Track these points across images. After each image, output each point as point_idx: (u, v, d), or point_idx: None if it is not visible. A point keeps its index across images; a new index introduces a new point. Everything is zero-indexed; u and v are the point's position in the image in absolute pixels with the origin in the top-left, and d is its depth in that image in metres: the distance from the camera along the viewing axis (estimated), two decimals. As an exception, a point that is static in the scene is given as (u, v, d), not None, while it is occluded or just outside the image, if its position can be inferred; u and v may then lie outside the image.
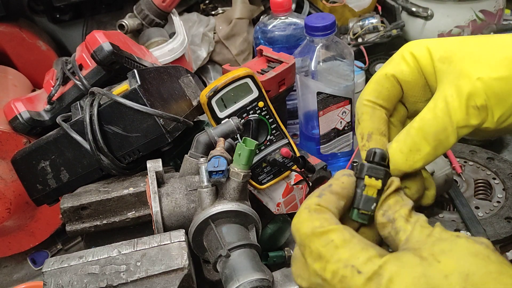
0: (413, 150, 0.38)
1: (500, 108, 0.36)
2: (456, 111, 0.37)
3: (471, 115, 0.37)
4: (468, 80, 0.37)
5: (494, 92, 0.36)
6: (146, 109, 0.61)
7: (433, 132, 0.38)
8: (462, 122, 0.37)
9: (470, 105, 0.37)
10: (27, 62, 1.01)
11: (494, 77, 0.36)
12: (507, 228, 0.61)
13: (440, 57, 0.40)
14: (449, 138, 0.38)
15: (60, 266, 0.51)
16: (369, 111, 0.42)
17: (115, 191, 0.61)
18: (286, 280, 0.64)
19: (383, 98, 0.42)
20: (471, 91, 0.36)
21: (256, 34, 0.97)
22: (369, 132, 0.41)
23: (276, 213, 0.73)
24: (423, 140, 0.38)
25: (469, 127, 0.37)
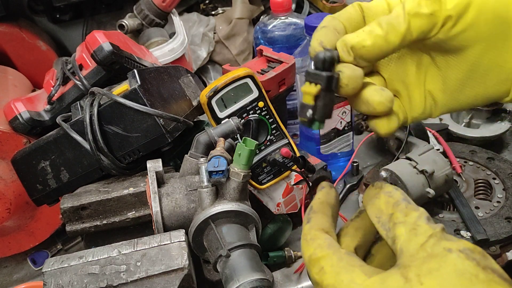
0: (365, 31, 0.39)
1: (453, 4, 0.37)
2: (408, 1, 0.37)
3: (422, 5, 0.37)
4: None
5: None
6: (146, 109, 0.61)
7: (386, 19, 0.38)
8: (413, 10, 0.37)
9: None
10: (27, 62, 1.01)
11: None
12: (507, 228, 0.61)
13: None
14: (400, 24, 0.38)
15: (60, 266, 0.51)
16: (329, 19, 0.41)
17: (115, 191, 0.61)
18: (286, 280, 0.64)
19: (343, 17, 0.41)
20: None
21: (256, 34, 0.97)
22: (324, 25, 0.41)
23: (276, 213, 0.73)
24: (376, 26, 0.38)
25: (421, 16, 0.37)
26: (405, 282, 0.32)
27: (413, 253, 0.34)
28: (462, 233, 0.61)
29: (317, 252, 0.37)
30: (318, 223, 0.40)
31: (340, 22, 0.41)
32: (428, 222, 0.35)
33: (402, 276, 0.33)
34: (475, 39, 0.39)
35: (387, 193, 0.38)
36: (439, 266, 0.32)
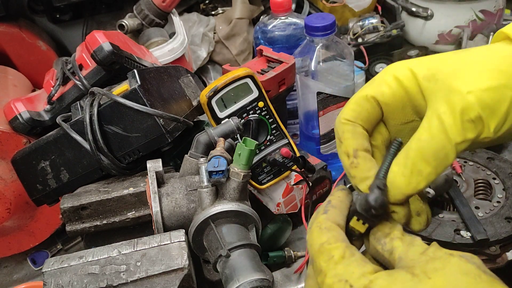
0: (414, 172, 0.38)
1: (495, 118, 0.37)
2: (452, 127, 0.37)
3: (468, 129, 0.37)
4: (459, 95, 0.37)
5: (486, 103, 0.37)
6: (146, 109, 0.61)
7: (432, 152, 0.38)
8: (460, 138, 0.37)
9: (465, 120, 0.37)
10: (27, 62, 1.01)
11: (483, 88, 0.37)
12: (507, 228, 0.61)
13: (425, 76, 0.40)
14: (448, 155, 0.38)
15: (60, 266, 0.51)
16: (350, 129, 0.42)
17: (115, 191, 0.61)
18: (286, 280, 0.64)
19: (362, 119, 0.42)
20: (464, 106, 0.37)
21: (256, 34, 0.97)
22: (354, 149, 0.41)
23: (276, 213, 0.73)
24: (423, 162, 0.38)
25: (467, 141, 0.37)
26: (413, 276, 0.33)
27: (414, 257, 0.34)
28: (462, 233, 0.61)
29: (331, 241, 0.37)
30: (335, 217, 0.39)
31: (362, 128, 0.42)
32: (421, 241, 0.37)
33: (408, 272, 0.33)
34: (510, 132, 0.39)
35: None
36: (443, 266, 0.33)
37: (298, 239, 0.77)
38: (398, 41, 1.13)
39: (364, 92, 0.42)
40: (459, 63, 0.39)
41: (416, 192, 0.39)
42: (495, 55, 0.39)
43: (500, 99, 0.37)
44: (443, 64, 0.40)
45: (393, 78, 0.42)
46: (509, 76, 0.37)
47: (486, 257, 0.60)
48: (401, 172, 0.39)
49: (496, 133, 0.37)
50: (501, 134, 0.38)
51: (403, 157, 0.39)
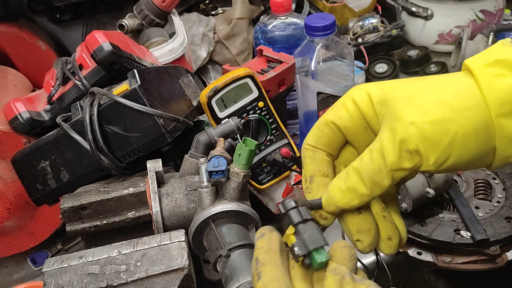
0: (350, 188, 0.40)
1: (435, 152, 0.37)
2: (389, 154, 0.38)
3: (404, 159, 0.37)
4: (401, 124, 0.37)
5: (427, 136, 0.37)
6: (146, 109, 0.61)
7: (368, 173, 0.39)
8: (395, 166, 0.38)
9: (402, 149, 0.37)
10: (27, 62, 1.01)
11: (426, 121, 0.37)
12: (507, 228, 0.61)
13: (379, 100, 0.41)
14: (383, 180, 0.38)
15: (60, 266, 0.51)
16: (310, 154, 0.43)
17: (115, 191, 0.61)
18: (286, 280, 0.64)
19: (323, 143, 0.43)
20: (403, 136, 0.37)
21: (256, 34, 0.97)
22: (311, 175, 0.43)
23: (276, 213, 0.73)
24: (359, 180, 0.39)
25: (403, 170, 0.38)
26: None
27: None
28: (462, 233, 0.61)
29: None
30: (271, 277, 0.36)
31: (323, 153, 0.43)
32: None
33: None
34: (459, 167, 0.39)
35: (332, 271, 0.36)
36: None
37: (298, 239, 0.77)
38: (398, 41, 1.13)
39: (324, 117, 0.44)
40: (412, 91, 0.39)
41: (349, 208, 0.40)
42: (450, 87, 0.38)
43: (443, 133, 0.36)
44: (398, 90, 0.40)
45: (351, 101, 0.43)
46: (457, 110, 0.37)
47: (486, 257, 0.60)
48: (338, 186, 0.40)
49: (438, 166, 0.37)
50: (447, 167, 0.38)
51: (344, 172, 0.41)
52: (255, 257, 0.38)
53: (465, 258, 0.60)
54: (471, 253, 0.60)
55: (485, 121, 0.37)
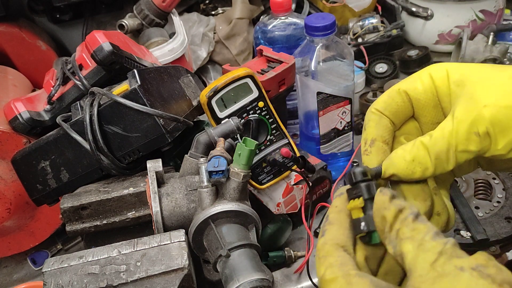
0: (415, 161, 0.39)
1: (505, 137, 0.37)
2: (457, 135, 0.38)
3: (471, 141, 0.37)
4: (475, 106, 0.37)
5: (500, 120, 0.36)
6: (146, 109, 0.61)
7: (436, 150, 0.39)
8: (461, 147, 0.38)
9: (471, 131, 0.37)
10: (27, 62, 1.01)
11: (501, 105, 0.37)
12: (507, 228, 0.61)
13: (456, 80, 0.41)
14: (449, 160, 0.38)
15: (60, 266, 0.51)
16: (376, 118, 0.43)
17: (115, 191, 0.61)
18: (286, 280, 0.64)
19: (391, 110, 0.43)
20: (475, 118, 0.37)
21: (256, 34, 0.97)
22: (372, 138, 0.43)
23: (276, 213, 0.73)
24: (426, 155, 0.39)
25: (469, 152, 0.38)
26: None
27: (422, 273, 0.32)
28: (462, 233, 0.61)
29: (327, 274, 0.35)
30: (333, 237, 0.37)
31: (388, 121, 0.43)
32: (436, 237, 0.33)
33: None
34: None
35: (397, 205, 0.35)
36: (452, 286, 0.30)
37: (298, 239, 0.77)
38: (398, 41, 1.13)
39: (397, 86, 0.43)
40: (490, 75, 0.39)
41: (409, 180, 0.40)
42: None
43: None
44: (475, 72, 0.40)
45: (428, 75, 0.42)
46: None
47: (486, 257, 0.60)
48: (403, 156, 0.40)
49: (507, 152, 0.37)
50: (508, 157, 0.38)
51: (410, 144, 0.40)
52: (327, 214, 0.40)
53: (465, 258, 0.60)
54: (471, 253, 0.60)
55: None
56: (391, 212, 0.35)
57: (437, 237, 0.33)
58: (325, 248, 0.37)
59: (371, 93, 1.03)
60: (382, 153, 0.42)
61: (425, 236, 0.33)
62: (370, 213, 0.37)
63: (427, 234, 0.33)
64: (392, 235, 0.35)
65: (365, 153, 0.43)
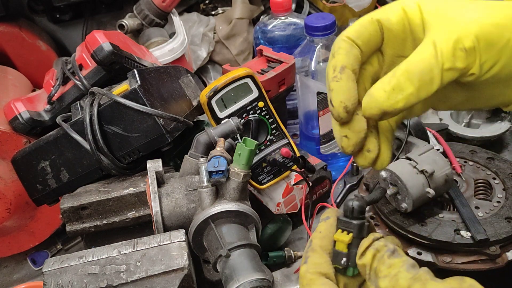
0: (396, 89, 0.38)
1: (488, 53, 0.36)
2: (443, 52, 0.36)
3: (458, 58, 0.36)
4: (459, 24, 0.36)
5: (485, 35, 0.36)
6: (146, 109, 0.61)
7: (418, 72, 0.37)
8: (448, 64, 0.36)
9: (457, 47, 0.36)
10: (27, 62, 1.01)
11: (487, 22, 0.36)
12: (507, 228, 0.61)
13: (430, 10, 0.40)
14: (433, 80, 0.37)
15: (60, 266, 0.51)
16: (347, 46, 0.41)
17: (115, 191, 0.61)
18: (286, 280, 0.64)
19: (363, 40, 0.41)
20: (461, 34, 0.36)
21: (256, 34, 0.97)
22: (342, 65, 0.40)
23: (276, 213, 0.73)
24: (407, 81, 0.37)
25: (455, 70, 0.37)
26: None
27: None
28: (462, 233, 0.61)
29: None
30: (316, 265, 0.38)
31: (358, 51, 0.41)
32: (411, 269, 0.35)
33: None
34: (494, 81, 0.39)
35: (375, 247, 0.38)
36: None
37: (298, 239, 0.77)
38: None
39: (370, 15, 0.42)
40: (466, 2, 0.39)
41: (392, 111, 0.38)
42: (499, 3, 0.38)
43: (499, 36, 0.36)
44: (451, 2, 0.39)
45: (400, 8, 0.41)
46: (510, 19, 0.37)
47: (486, 257, 0.60)
48: (383, 87, 0.38)
49: (484, 72, 0.37)
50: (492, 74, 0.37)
51: (389, 75, 0.39)
52: (310, 239, 0.40)
53: (465, 258, 0.60)
54: (471, 253, 0.60)
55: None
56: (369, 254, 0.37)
57: (411, 269, 0.35)
58: (308, 277, 0.38)
59: (371, 93, 1.03)
60: (352, 81, 0.40)
61: (400, 269, 0.35)
62: (353, 251, 0.39)
63: (402, 267, 0.35)
64: (372, 274, 0.37)
65: (334, 79, 0.40)
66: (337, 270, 0.40)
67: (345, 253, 0.39)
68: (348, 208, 0.40)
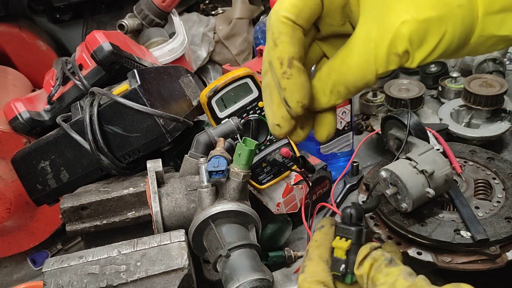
0: (334, 92, 0.38)
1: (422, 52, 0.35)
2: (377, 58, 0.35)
3: (391, 62, 0.35)
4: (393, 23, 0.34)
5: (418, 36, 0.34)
6: (146, 109, 0.61)
7: (352, 80, 0.37)
8: (382, 69, 0.36)
9: (391, 52, 0.35)
10: (27, 62, 1.02)
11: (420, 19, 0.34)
12: (507, 228, 0.61)
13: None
14: (368, 83, 0.37)
15: (60, 266, 0.51)
16: (289, 31, 0.37)
17: (115, 191, 0.61)
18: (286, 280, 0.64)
19: (304, 17, 0.37)
20: (394, 36, 0.34)
21: (256, 34, 0.97)
22: (289, 57, 0.37)
23: (276, 213, 0.73)
24: (342, 86, 0.38)
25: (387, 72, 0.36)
26: None
27: None
28: (462, 233, 0.61)
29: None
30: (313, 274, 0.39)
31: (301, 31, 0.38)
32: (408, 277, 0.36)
33: None
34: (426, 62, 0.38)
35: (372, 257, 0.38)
36: None
37: (298, 239, 0.77)
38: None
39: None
40: None
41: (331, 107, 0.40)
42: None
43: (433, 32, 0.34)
44: None
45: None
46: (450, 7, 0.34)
47: (486, 257, 0.60)
48: (322, 90, 0.39)
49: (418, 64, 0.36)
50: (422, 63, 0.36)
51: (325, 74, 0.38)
52: (307, 249, 0.41)
53: (465, 258, 0.60)
54: (471, 253, 0.60)
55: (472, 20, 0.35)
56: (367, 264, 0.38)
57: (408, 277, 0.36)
58: (305, 285, 0.39)
59: (371, 93, 1.03)
60: (303, 73, 0.38)
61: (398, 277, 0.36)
62: (352, 258, 0.40)
63: (400, 275, 0.36)
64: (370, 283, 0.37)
65: (284, 76, 0.37)
66: (335, 278, 0.41)
67: (343, 259, 0.40)
68: (346, 215, 0.41)
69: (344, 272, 0.40)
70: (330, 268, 0.41)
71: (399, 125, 0.78)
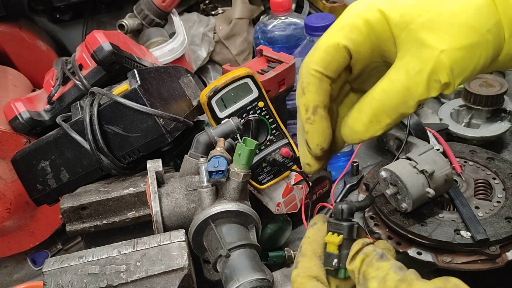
0: (373, 121, 0.39)
1: (461, 77, 0.37)
2: (418, 85, 0.37)
3: (433, 88, 0.37)
4: (431, 53, 0.36)
5: (458, 64, 0.36)
6: (146, 109, 0.61)
7: (393, 106, 0.38)
8: (423, 96, 0.37)
9: (432, 79, 0.36)
10: (27, 62, 1.01)
11: (457, 47, 0.36)
12: (507, 228, 0.61)
13: (397, 23, 0.38)
14: (409, 110, 0.38)
15: (60, 266, 0.51)
16: (316, 82, 0.40)
17: (115, 191, 0.61)
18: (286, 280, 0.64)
19: (332, 70, 0.40)
20: (435, 66, 0.36)
21: (256, 34, 0.97)
22: (314, 105, 0.40)
23: (276, 213, 0.73)
24: (383, 113, 0.38)
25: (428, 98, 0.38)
26: None
27: None
28: (462, 233, 0.61)
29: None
30: (306, 269, 0.40)
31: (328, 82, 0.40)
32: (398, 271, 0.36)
33: None
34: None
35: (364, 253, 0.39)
36: None
37: (298, 239, 0.77)
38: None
39: (334, 39, 0.40)
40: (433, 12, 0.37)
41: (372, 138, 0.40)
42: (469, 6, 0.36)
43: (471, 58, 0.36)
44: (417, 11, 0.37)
45: (364, 22, 0.39)
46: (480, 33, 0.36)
47: (486, 257, 0.60)
48: (360, 120, 0.39)
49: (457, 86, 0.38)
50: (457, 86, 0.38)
51: (365, 104, 0.39)
52: (300, 245, 0.42)
53: (465, 258, 0.60)
54: (471, 253, 0.60)
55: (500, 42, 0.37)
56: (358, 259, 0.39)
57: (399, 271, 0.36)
58: (298, 280, 0.39)
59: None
60: (326, 120, 0.41)
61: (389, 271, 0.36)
62: (344, 252, 0.40)
63: (390, 269, 0.36)
64: (361, 277, 0.38)
65: (308, 121, 0.41)
66: (329, 273, 0.41)
67: (336, 254, 0.40)
68: (338, 211, 0.42)
69: (337, 266, 0.40)
70: (323, 264, 0.41)
71: (399, 125, 0.78)
